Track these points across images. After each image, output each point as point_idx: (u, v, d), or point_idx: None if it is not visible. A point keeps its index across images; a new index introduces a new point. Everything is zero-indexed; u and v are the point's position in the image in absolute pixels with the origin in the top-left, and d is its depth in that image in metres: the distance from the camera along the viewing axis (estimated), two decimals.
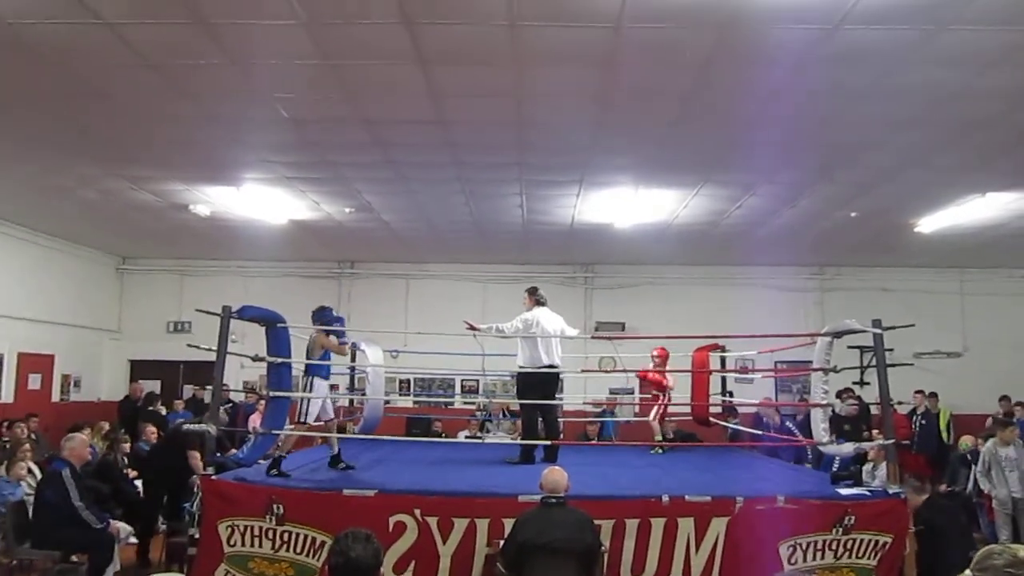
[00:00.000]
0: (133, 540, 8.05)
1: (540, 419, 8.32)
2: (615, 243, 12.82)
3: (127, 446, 10.02)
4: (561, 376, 8.85)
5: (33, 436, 10.05)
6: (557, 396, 8.99)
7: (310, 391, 7.04)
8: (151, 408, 12.92)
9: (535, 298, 8.36)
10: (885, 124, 7.45)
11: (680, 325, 12.48)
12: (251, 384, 13.05)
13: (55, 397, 13.58)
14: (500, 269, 15.15)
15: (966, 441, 11.00)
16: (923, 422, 13.07)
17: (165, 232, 12.77)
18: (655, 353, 9.63)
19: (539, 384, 8.07)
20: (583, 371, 10.47)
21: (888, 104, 6.91)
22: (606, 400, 13.58)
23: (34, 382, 13.01)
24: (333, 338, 7.31)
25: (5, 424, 10.43)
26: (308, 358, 7.17)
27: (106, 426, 11.30)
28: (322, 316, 7.41)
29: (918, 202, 10.28)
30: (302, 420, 7.04)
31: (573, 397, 13.26)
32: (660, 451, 9.17)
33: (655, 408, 9.49)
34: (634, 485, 6.67)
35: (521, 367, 8.13)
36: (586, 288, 15.31)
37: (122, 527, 7.61)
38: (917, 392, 12.98)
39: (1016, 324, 14.56)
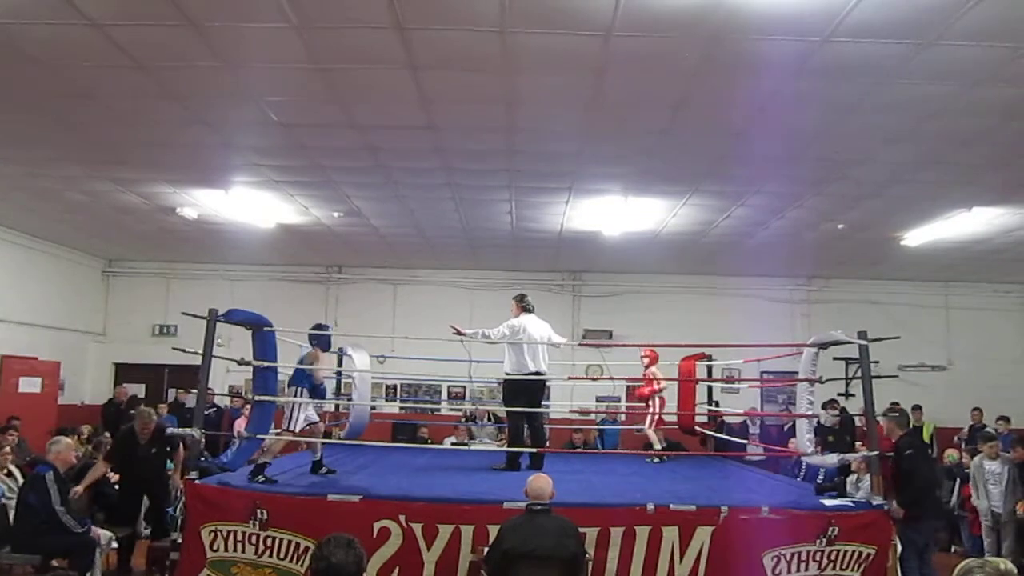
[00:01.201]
0: (114, 545, 7.97)
1: (526, 426, 8.30)
2: (603, 251, 12.85)
3: None
4: (548, 384, 8.82)
5: (14, 437, 9.95)
6: (543, 404, 8.97)
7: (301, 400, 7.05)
8: (132, 412, 12.83)
9: (522, 305, 8.32)
10: (873, 137, 7.50)
11: (667, 334, 12.43)
12: (236, 388, 12.98)
13: (63, 400, 13.56)
14: (488, 276, 15.17)
15: (952, 454, 11.06)
16: (921, 440, 13.08)
17: (152, 235, 12.71)
18: (644, 354, 9.63)
19: (525, 391, 8.04)
20: (570, 379, 10.45)
21: (876, 117, 6.96)
22: (607, 409, 13.59)
23: (26, 385, 12.81)
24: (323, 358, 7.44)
25: None
26: (302, 371, 7.14)
27: (85, 430, 11.21)
28: (320, 331, 7.50)
29: (904, 215, 10.35)
30: (290, 428, 6.99)
31: (560, 405, 13.24)
32: (657, 460, 9.15)
33: (648, 417, 9.51)
34: (619, 493, 6.67)
35: (507, 374, 8.09)
36: (574, 296, 15.32)
37: (103, 533, 7.54)
38: (893, 403, 12.94)
39: (1000, 338, 14.69)
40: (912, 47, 5.59)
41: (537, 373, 8.05)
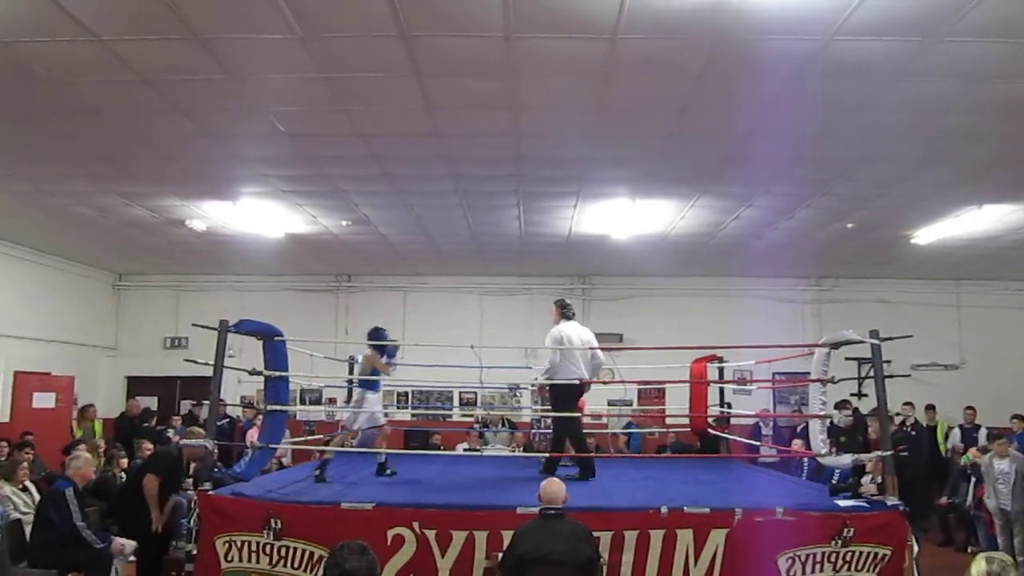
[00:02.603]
0: (132, 558, 7.97)
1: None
2: (612, 254, 12.84)
3: (124, 462, 9.98)
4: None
5: (31, 455, 10.00)
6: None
7: (361, 403, 7.83)
8: (146, 424, 12.89)
9: (562, 311, 8.12)
10: (880, 136, 7.48)
11: (678, 336, 12.45)
12: (248, 399, 13.00)
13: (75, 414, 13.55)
14: (497, 281, 15.20)
15: (968, 454, 11.00)
16: (912, 433, 12.99)
17: (161, 248, 12.77)
18: None
19: (572, 397, 7.90)
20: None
21: (883, 116, 6.94)
22: (632, 412, 13.58)
23: (40, 400, 12.85)
24: (384, 359, 7.94)
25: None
26: (360, 374, 7.98)
27: (102, 444, 11.25)
28: (376, 336, 7.93)
29: (914, 214, 10.30)
30: (349, 428, 7.90)
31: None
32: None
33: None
34: (632, 497, 6.65)
35: (553, 380, 7.88)
36: (584, 300, 15.29)
37: (127, 543, 7.53)
38: (905, 404, 12.89)
39: (1013, 336, 14.58)
40: (918, 45, 5.57)
41: (580, 379, 7.90)
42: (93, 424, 13.32)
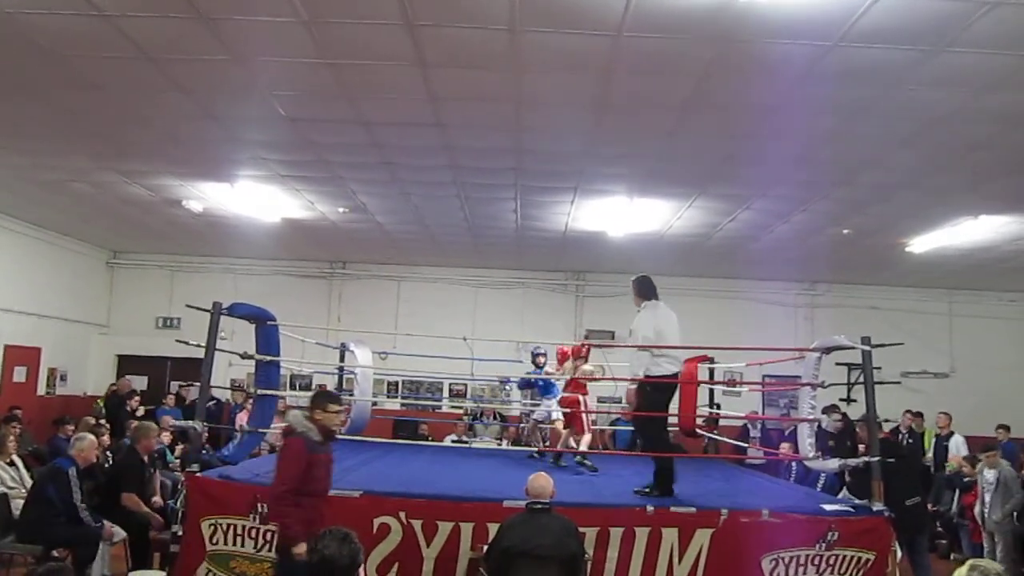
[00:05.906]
0: (115, 540, 7.94)
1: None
2: (607, 252, 12.84)
3: (107, 439, 9.93)
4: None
5: (18, 429, 9.98)
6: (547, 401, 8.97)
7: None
8: (126, 407, 12.81)
9: (643, 292, 7.13)
10: (881, 143, 7.49)
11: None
12: (239, 382, 13.01)
13: (40, 391, 13.51)
14: (492, 274, 15.21)
15: (952, 462, 11.04)
16: (909, 441, 13.07)
17: (157, 227, 12.73)
18: (563, 351, 9.34)
19: (667, 397, 6.87)
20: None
21: (884, 123, 6.95)
22: (620, 409, 13.57)
23: (19, 375, 12.92)
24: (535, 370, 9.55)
25: None
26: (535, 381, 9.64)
27: (91, 421, 11.22)
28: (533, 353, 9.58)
29: (911, 222, 10.33)
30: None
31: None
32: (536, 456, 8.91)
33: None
34: (619, 494, 6.66)
35: (648, 376, 6.64)
36: (577, 296, 15.31)
37: (117, 530, 7.51)
38: (906, 412, 12.95)
39: (1003, 346, 14.67)
40: (922, 53, 5.58)
41: (676, 375, 6.85)
42: None
